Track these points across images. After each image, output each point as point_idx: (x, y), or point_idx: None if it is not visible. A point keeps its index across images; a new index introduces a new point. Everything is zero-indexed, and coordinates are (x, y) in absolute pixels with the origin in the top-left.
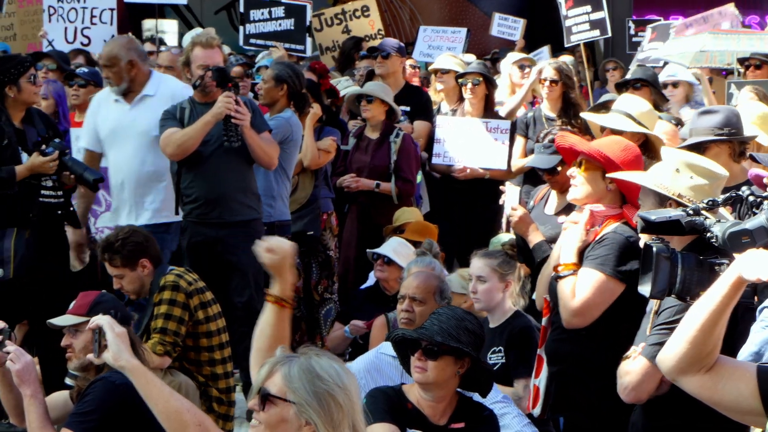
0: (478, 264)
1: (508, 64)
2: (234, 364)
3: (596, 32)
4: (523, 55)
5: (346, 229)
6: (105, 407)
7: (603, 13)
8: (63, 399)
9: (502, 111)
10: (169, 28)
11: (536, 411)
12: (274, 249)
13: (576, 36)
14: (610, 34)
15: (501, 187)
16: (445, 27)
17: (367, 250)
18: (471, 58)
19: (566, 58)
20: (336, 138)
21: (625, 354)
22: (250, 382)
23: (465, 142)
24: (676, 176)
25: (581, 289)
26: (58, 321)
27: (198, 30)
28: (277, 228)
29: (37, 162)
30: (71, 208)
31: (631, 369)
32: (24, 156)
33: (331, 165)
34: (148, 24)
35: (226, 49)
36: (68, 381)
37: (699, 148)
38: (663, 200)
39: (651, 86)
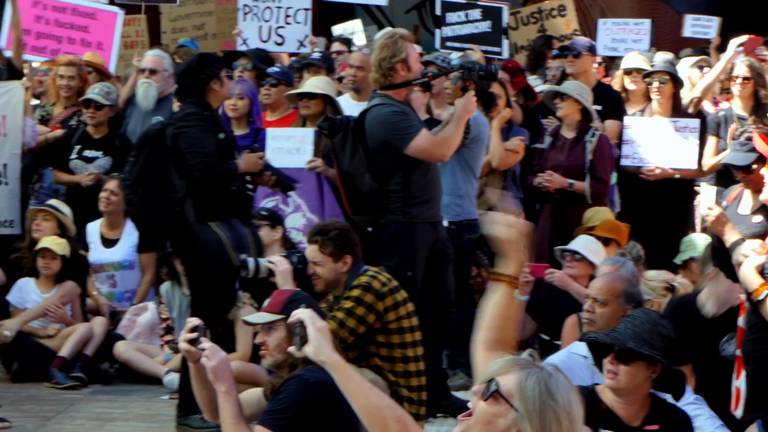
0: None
1: (686, 66)
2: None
3: None
4: (699, 57)
5: (538, 228)
6: (299, 405)
7: None
8: (257, 396)
9: (697, 90)
10: (358, 28)
11: (738, 413)
12: (512, 224)
13: None
14: None
15: (696, 188)
16: (627, 19)
17: (555, 247)
18: (665, 55)
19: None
20: (524, 138)
21: None
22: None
23: (654, 143)
24: None
25: None
26: (253, 318)
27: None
28: (464, 227)
29: (251, 159)
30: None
31: None
32: None
33: (520, 165)
34: (342, 25)
35: (417, 48)
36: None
37: None
38: None
39: None
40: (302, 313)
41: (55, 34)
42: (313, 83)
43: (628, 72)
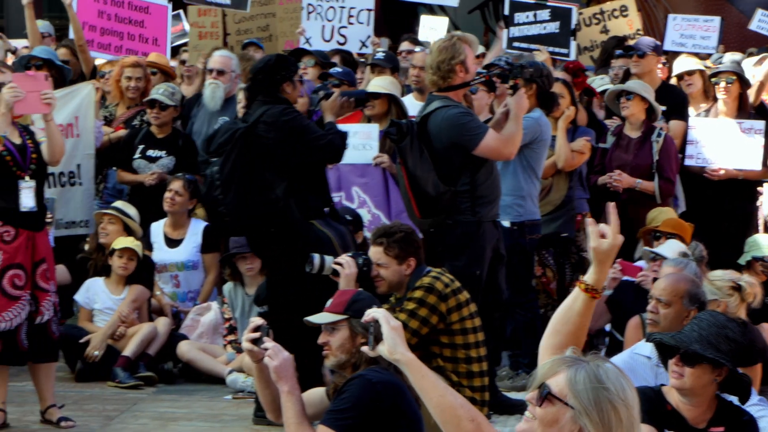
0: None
1: (749, 65)
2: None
3: None
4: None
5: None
6: (362, 405)
7: None
8: (319, 396)
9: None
10: (439, 25)
11: None
12: (607, 234)
13: None
14: None
15: (759, 188)
16: (697, 15)
17: (645, 248)
18: (733, 56)
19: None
20: (590, 138)
21: None
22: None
23: (719, 143)
24: None
25: None
26: (316, 318)
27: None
28: (527, 227)
29: (330, 104)
30: None
31: None
32: None
33: (587, 165)
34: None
35: (481, 49)
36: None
37: None
38: None
39: None
40: (377, 312)
41: (116, 29)
42: (378, 83)
43: (680, 77)
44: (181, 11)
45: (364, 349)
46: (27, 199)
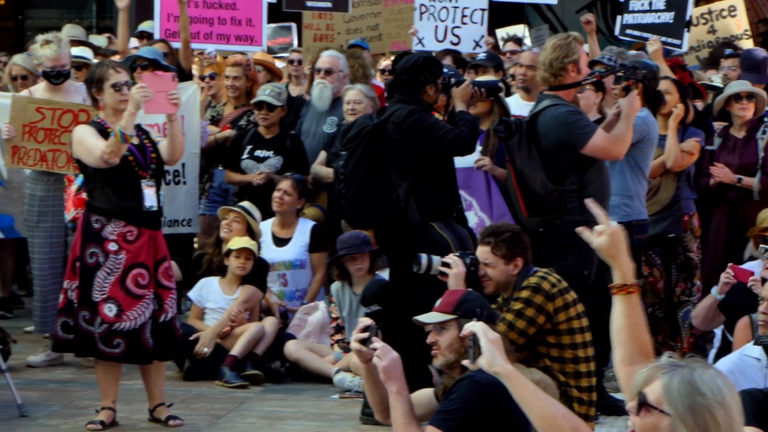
0: None
1: None
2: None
3: None
4: None
5: (712, 229)
6: (470, 406)
7: None
8: (428, 396)
9: None
10: (521, 33)
11: None
12: (602, 231)
13: None
14: None
15: None
16: None
17: (761, 245)
18: None
19: None
20: (700, 139)
21: None
22: None
23: None
24: None
25: None
26: (425, 318)
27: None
28: (634, 227)
29: (460, 92)
30: None
31: None
32: None
33: (695, 166)
34: (506, 29)
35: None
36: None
37: None
38: None
39: None
40: (475, 326)
41: (205, 16)
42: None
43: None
44: (293, 25)
45: (465, 363)
46: (149, 199)
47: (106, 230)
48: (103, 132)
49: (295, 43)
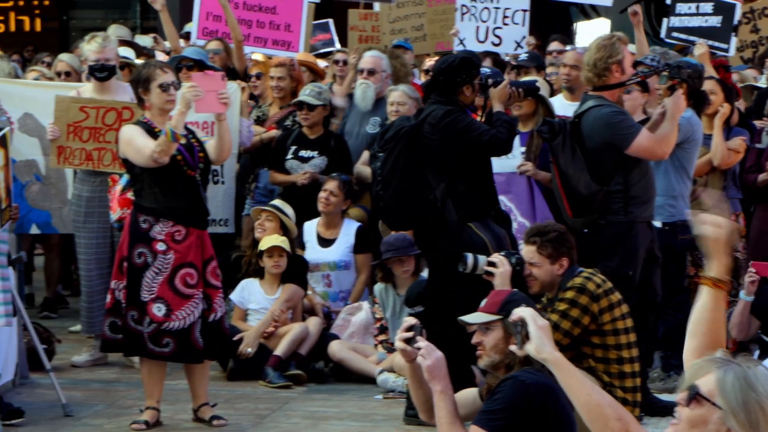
0: None
1: None
2: None
3: None
4: None
5: (752, 228)
6: (514, 406)
7: None
8: (472, 396)
9: None
10: (600, 28)
11: None
12: (720, 224)
13: None
14: None
15: None
16: None
17: None
18: None
19: None
20: (745, 138)
21: None
22: None
23: None
24: None
25: None
26: (470, 318)
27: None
28: (679, 228)
29: (498, 92)
30: None
31: None
32: None
33: (740, 165)
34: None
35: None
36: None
37: None
38: None
39: None
40: (523, 311)
41: (244, 18)
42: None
43: None
44: (330, 21)
45: (512, 348)
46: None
47: (154, 230)
48: (151, 131)
49: (336, 39)
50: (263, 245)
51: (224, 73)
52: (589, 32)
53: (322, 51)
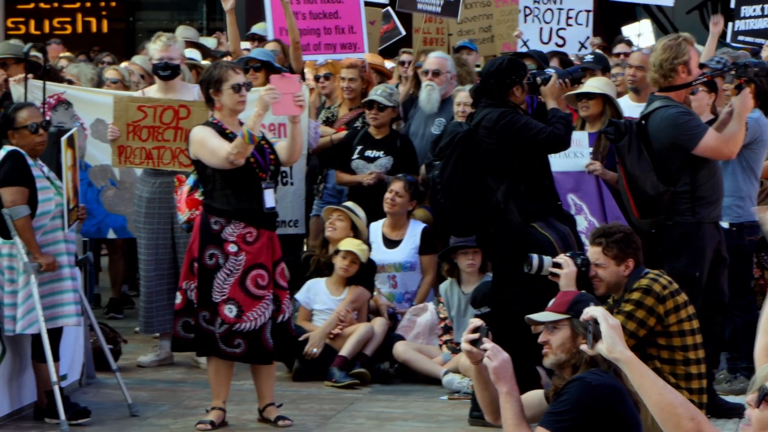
0: None
1: None
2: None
3: None
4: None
5: None
6: (581, 408)
7: None
8: (538, 398)
9: None
10: (644, 29)
11: None
12: None
13: None
14: None
15: None
16: None
17: None
18: None
19: None
20: None
21: None
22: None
23: None
24: None
25: None
26: (538, 317)
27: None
28: (745, 228)
29: (550, 89)
30: None
31: None
32: None
33: None
34: (631, 26)
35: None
36: None
37: None
38: None
39: None
40: (595, 310)
41: (312, 27)
42: (593, 84)
43: None
44: (389, 8)
45: (583, 347)
46: (269, 200)
47: (226, 231)
48: (222, 133)
49: (399, 25)
50: (344, 245)
51: (300, 76)
52: (631, 34)
53: (390, 43)
